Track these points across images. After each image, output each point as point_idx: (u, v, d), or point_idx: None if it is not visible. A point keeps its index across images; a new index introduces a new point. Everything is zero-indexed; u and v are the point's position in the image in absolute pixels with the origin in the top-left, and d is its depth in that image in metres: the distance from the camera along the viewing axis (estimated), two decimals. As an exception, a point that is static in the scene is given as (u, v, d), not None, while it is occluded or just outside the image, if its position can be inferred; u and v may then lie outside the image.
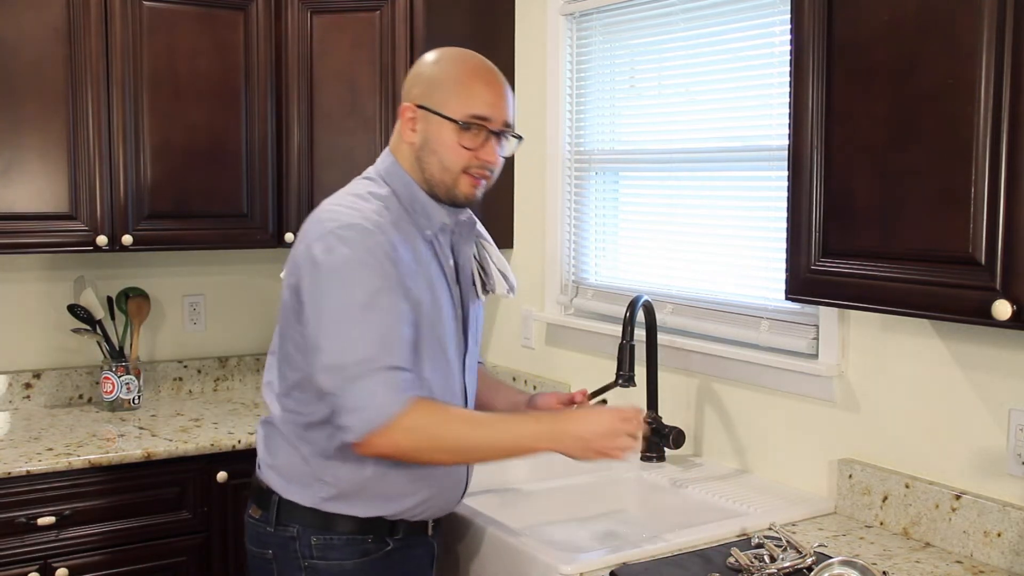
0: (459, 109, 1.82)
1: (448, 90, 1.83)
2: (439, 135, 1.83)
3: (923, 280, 1.64)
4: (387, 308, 1.73)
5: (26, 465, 2.49)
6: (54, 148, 2.76)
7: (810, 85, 1.80)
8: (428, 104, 1.84)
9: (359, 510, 1.84)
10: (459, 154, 1.83)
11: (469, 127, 1.82)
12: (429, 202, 1.87)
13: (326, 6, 2.99)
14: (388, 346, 1.71)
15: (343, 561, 1.85)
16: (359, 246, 1.74)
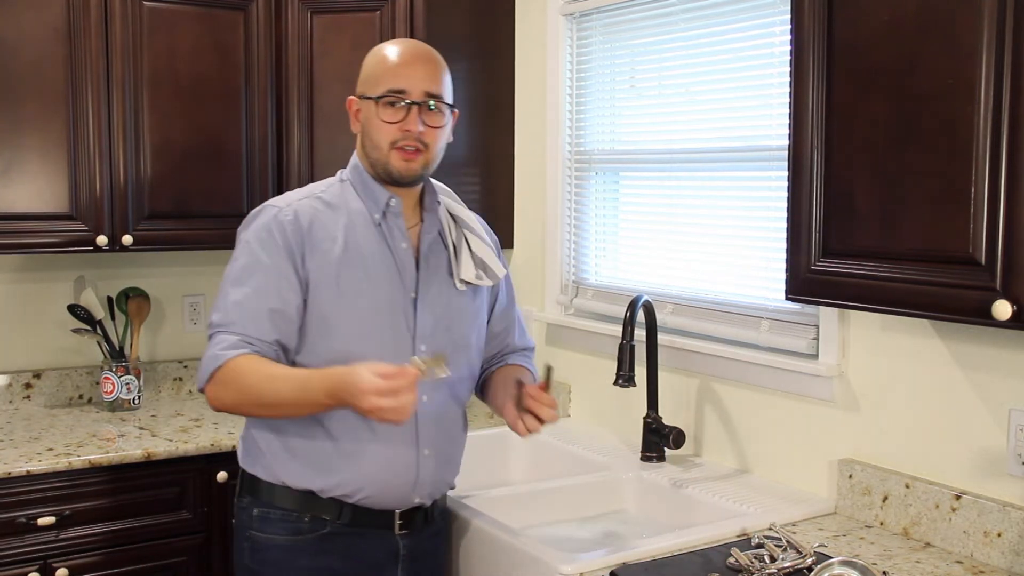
0: (376, 86, 1.92)
1: (369, 73, 1.95)
2: (368, 116, 1.93)
3: (923, 280, 1.64)
4: (252, 284, 1.86)
5: (26, 465, 2.49)
6: (54, 148, 2.76)
7: (810, 85, 1.80)
8: (359, 91, 1.96)
9: (291, 479, 1.90)
10: (383, 129, 1.91)
11: (388, 101, 1.90)
12: (375, 185, 1.96)
13: (326, 6, 2.99)
14: (237, 315, 1.85)
15: (275, 535, 1.92)
16: (254, 227, 1.91)
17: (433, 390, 1.94)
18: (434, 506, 2.02)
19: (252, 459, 1.97)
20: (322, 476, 1.89)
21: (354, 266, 1.90)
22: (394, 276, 1.94)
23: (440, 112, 1.94)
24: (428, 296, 1.96)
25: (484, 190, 3.14)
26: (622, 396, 2.69)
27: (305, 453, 1.90)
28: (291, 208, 1.92)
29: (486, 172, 3.14)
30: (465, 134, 3.09)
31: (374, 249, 1.93)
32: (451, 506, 2.15)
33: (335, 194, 1.97)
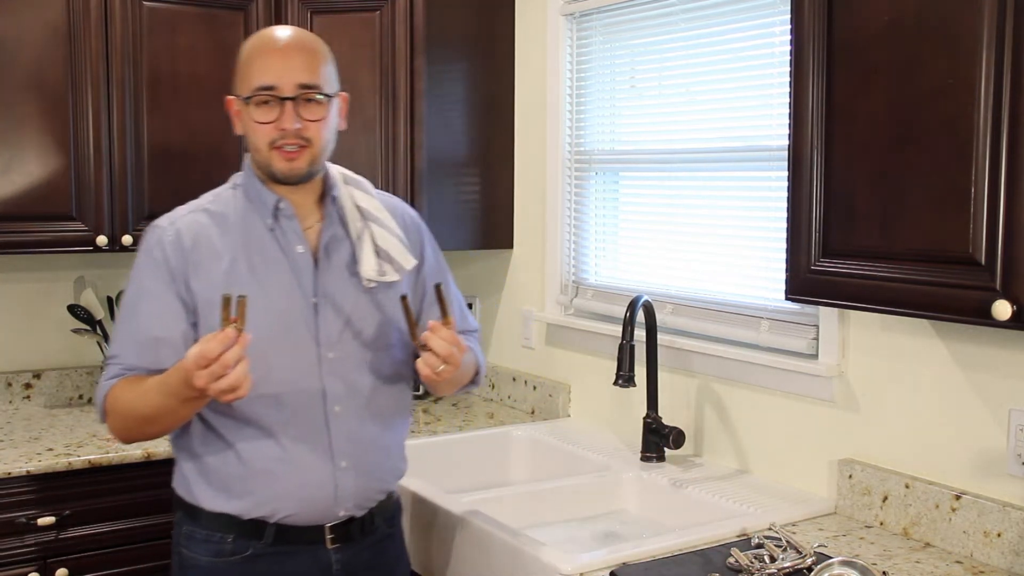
0: (245, 86, 1.81)
1: (239, 73, 1.84)
2: (244, 118, 1.84)
3: (923, 280, 1.64)
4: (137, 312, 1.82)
5: (26, 465, 2.49)
6: (54, 148, 2.76)
7: (810, 85, 1.80)
8: (235, 91, 1.86)
9: (207, 502, 1.84)
10: (259, 131, 1.81)
11: (259, 100, 1.79)
12: (263, 189, 1.86)
13: (326, 6, 3.00)
14: (121, 346, 1.82)
15: (199, 556, 1.86)
16: (140, 250, 1.86)
17: (346, 396, 1.85)
18: (372, 514, 1.91)
19: (177, 479, 1.92)
20: (236, 499, 1.82)
21: (244, 280, 1.80)
22: (291, 283, 1.83)
23: (320, 103, 1.81)
24: (330, 299, 1.85)
25: (484, 190, 3.14)
26: (622, 396, 2.69)
27: (217, 476, 1.83)
28: (173, 227, 1.84)
29: (486, 172, 3.14)
30: (465, 134, 3.09)
31: (268, 257, 1.83)
32: (450, 507, 2.15)
33: (225, 203, 1.88)
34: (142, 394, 1.75)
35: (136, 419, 1.79)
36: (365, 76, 2.98)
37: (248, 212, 1.87)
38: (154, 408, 1.74)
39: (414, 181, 2.99)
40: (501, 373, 3.23)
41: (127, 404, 1.78)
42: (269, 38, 1.85)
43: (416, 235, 2.02)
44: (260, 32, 1.90)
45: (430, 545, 2.21)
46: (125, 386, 1.79)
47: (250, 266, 1.82)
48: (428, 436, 2.80)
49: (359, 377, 1.87)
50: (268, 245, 1.85)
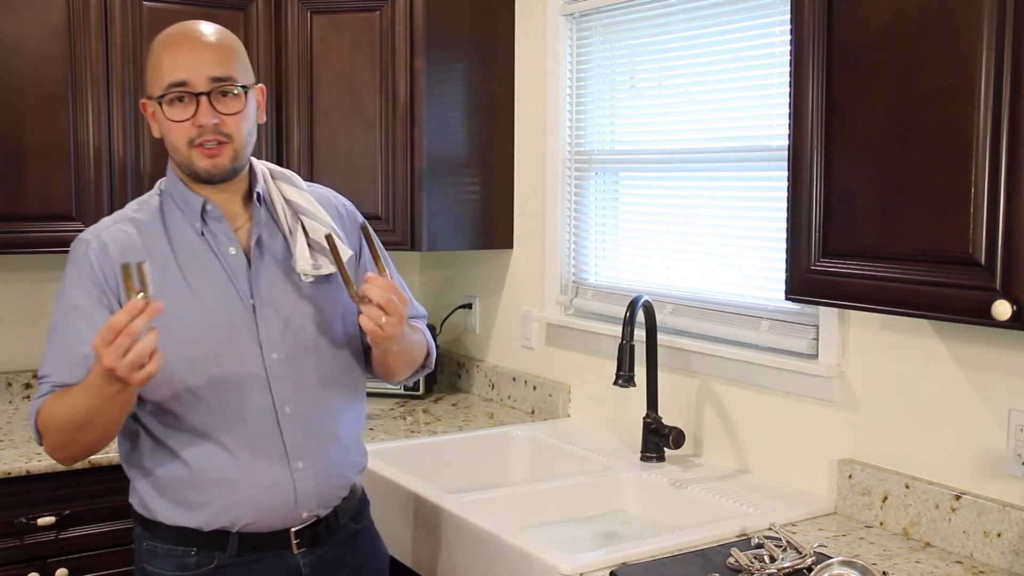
0: (157, 86, 1.75)
1: (149, 72, 1.79)
2: (159, 118, 1.77)
3: (923, 280, 1.64)
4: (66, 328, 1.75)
5: (26, 465, 2.49)
6: (54, 148, 2.76)
7: (810, 85, 1.80)
8: (147, 92, 1.79)
9: (165, 516, 1.79)
10: (175, 130, 1.75)
11: (172, 98, 1.73)
12: (188, 192, 1.81)
13: (326, 6, 3.00)
14: (52, 364, 1.75)
15: (164, 571, 1.80)
16: (67, 264, 1.79)
17: (295, 396, 1.81)
18: (336, 513, 1.87)
19: (132, 495, 1.86)
20: (195, 511, 1.77)
21: (177, 288, 1.75)
22: (227, 286, 1.78)
23: (236, 96, 1.75)
24: (268, 299, 1.80)
25: (484, 190, 3.14)
26: (622, 396, 2.69)
27: (172, 490, 1.78)
28: (98, 240, 1.77)
29: (486, 172, 3.14)
30: (465, 134, 3.09)
31: (201, 262, 1.78)
32: (450, 507, 2.14)
33: (150, 211, 1.82)
34: (68, 402, 1.69)
35: (67, 429, 1.70)
36: (365, 76, 2.98)
37: (175, 217, 1.81)
38: (82, 413, 1.66)
39: (414, 181, 2.99)
40: (501, 373, 3.23)
41: (57, 417, 1.71)
42: (176, 34, 1.80)
43: (352, 225, 1.97)
44: (167, 29, 1.83)
45: (430, 545, 2.21)
46: (53, 401, 1.72)
47: (183, 273, 1.77)
48: (428, 436, 2.80)
49: (306, 375, 1.83)
50: (199, 249, 1.79)
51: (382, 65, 2.97)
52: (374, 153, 2.99)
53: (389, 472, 2.39)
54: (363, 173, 2.99)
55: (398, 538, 2.27)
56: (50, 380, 1.75)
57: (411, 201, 2.99)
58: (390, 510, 2.31)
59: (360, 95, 2.99)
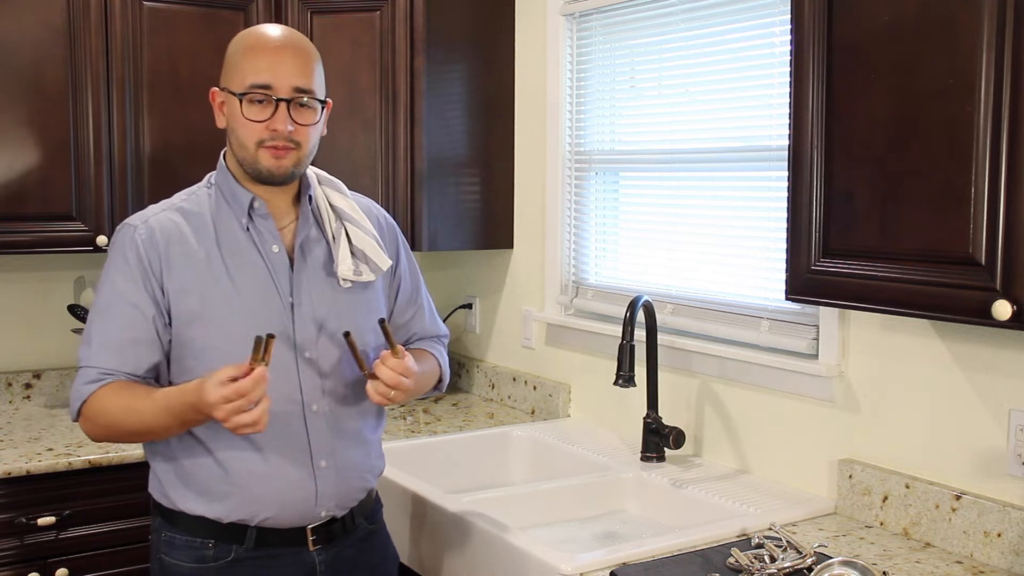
0: (240, 81, 1.79)
1: (232, 65, 1.82)
2: (232, 112, 1.81)
3: (923, 280, 1.64)
4: (110, 313, 1.79)
5: (26, 465, 2.49)
6: (54, 148, 2.76)
7: (810, 85, 1.80)
8: (223, 84, 1.84)
9: (185, 505, 1.82)
10: (249, 128, 1.79)
11: (253, 99, 1.78)
12: (238, 188, 1.84)
13: (326, 6, 2.99)
14: (97, 348, 1.78)
15: (181, 562, 1.83)
16: (112, 249, 1.83)
17: (323, 396, 1.84)
18: (353, 513, 1.90)
19: (153, 483, 1.88)
20: (216, 503, 1.79)
21: (220, 280, 1.79)
22: (267, 283, 1.82)
23: (311, 108, 1.81)
24: (306, 299, 1.84)
25: (484, 190, 3.14)
26: (622, 396, 2.69)
27: (196, 480, 1.80)
28: (146, 225, 1.80)
29: (486, 172, 3.14)
30: (465, 134, 3.10)
31: (244, 257, 1.82)
32: (451, 506, 2.14)
33: (198, 202, 1.85)
34: (133, 408, 1.73)
35: (122, 431, 1.78)
36: (365, 76, 2.98)
37: (223, 211, 1.84)
38: (148, 424, 1.73)
39: (414, 181, 2.99)
40: (501, 373, 3.23)
41: (114, 415, 1.75)
42: (266, 36, 1.82)
43: (391, 236, 2.03)
44: (255, 28, 1.88)
45: (430, 545, 2.21)
46: (110, 395, 1.75)
47: (226, 266, 1.80)
48: (428, 436, 2.80)
49: (336, 376, 1.86)
50: (243, 245, 1.83)
51: (382, 65, 2.97)
52: (374, 153, 2.99)
53: (389, 472, 2.38)
54: (363, 173, 2.99)
55: (398, 538, 2.27)
56: (96, 365, 1.78)
57: (411, 201, 2.99)
58: (391, 510, 2.30)
59: (360, 95, 2.99)
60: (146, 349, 1.78)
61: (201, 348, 1.78)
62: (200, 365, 1.75)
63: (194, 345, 1.79)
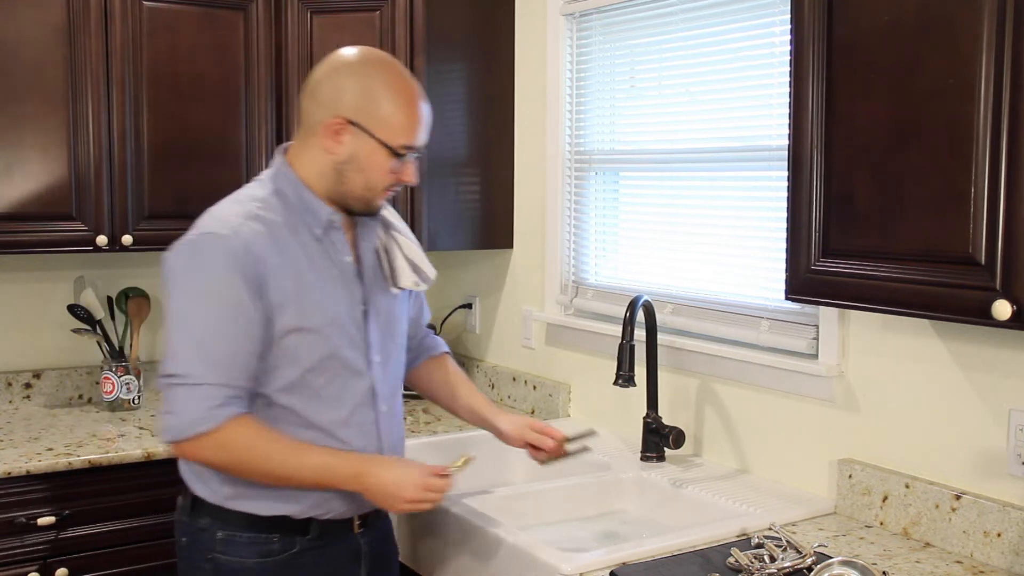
0: (395, 138, 1.83)
1: (386, 115, 1.83)
2: (371, 157, 1.84)
3: (923, 280, 1.64)
4: (222, 326, 1.76)
5: (26, 465, 2.49)
6: (54, 148, 2.76)
7: (810, 85, 1.80)
8: (364, 124, 1.82)
9: (260, 508, 1.85)
10: (387, 177, 1.86)
11: (401, 156, 1.85)
12: (315, 201, 1.87)
13: (326, 6, 3.00)
14: (208, 362, 1.75)
15: (245, 559, 1.86)
16: (210, 259, 1.77)
17: (389, 399, 1.97)
18: None
19: (209, 488, 1.89)
20: (291, 501, 1.86)
21: (311, 291, 1.83)
22: (345, 292, 1.89)
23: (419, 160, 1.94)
24: (375, 307, 1.93)
25: (484, 190, 3.14)
26: (622, 396, 2.69)
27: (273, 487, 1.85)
28: (238, 236, 1.78)
29: (486, 172, 3.14)
30: (465, 134, 3.10)
31: (323, 268, 1.86)
32: (451, 506, 2.15)
33: (273, 210, 1.85)
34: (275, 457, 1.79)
35: (254, 471, 1.81)
36: (365, 76, 2.98)
37: (293, 220, 1.86)
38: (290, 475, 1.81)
39: (414, 181, 2.99)
40: (501, 373, 3.23)
41: (254, 456, 1.78)
42: (418, 95, 1.87)
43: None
44: (405, 80, 1.87)
45: (430, 545, 2.21)
46: (249, 433, 1.77)
47: (309, 276, 1.84)
48: (428, 436, 2.80)
49: (394, 378, 2.01)
50: (318, 255, 1.87)
51: (382, 65, 2.97)
52: (374, 153, 2.99)
53: (389, 472, 2.38)
54: (363, 173, 2.99)
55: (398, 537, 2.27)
56: (218, 383, 1.75)
57: (411, 201, 2.99)
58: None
59: (360, 95, 2.99)
60: (254, 361, 1.80)
61: (294, 356, 1.83)
62: (287, 372, 1.82)
63: (288, 353, 1.83)
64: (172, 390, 1.77)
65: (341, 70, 1.85)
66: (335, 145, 1.84)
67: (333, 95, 1.83)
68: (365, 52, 1.88)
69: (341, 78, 1.84)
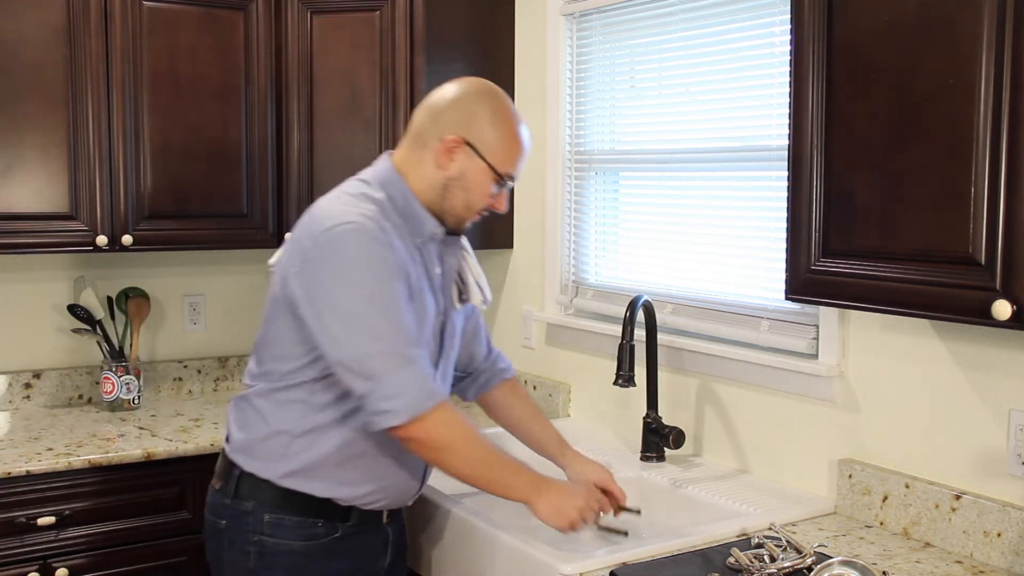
0: (502, 165, 1.94)
1: (499, 143, 1.93)
2: (477, 178, 1.93)
3: (923, 280, 1.64)
4: (397, 301, 1.82)
5: (26, 465, 2.49)
6: (54, 148, 2.76)
7: (810, 85, 1.80)
8: (478, 147, 1.92)
9: (315, 488, 1.92)
10: (486, 200, 1.96)
11: (503, 182, 1.95)
12: (423, 212, 1.95)
13: (326, 6, 3.00)
14: (407, 336, 1.81)
15: (292, 541, 1.93)
16: (363, 244, 1.81)
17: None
18: None
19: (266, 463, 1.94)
20: (349, 487, 1.94)
21: (418, 295, 1.91)
22: (430, 300, 1.96)
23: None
24: (450, 319, 2.04)
25: (484, 190, 3.14)
26: (622, 396, 2.69)
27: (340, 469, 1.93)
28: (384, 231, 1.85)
29: (486, 172, 3.14)
30: (465, 134, 3.09)
31: (419, 274, 1.93)
32: (451, 506, 2.15)
33: (389, 216, 1.91)
34: (482, 443, 1.88)
35: (467, 456, 1.87)
36: (365, 76, 2.98)
37: (397, 226, 1.91)
38: (486, 464, 1.89)
39: (414, 181, 2.98)
40: (501, 373, 3.23)
41: (467, 436, 1.86)
42: (523, 129, 1.98)
43: None
44: (515, 113, 1.98)
45: (430, 545, 2.21)
46: (457, 415, 1.85)
47: (413, 279, 1.90)
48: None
49: (446, 387, 2.10)
50: (418, 262, 1.94)
51: (382, 65, 2.97)
52: (374, 153, 2.97)
53: (389, 472, 2.39)
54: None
55: (398, 538, 2.28)
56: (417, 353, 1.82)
57: (411, 201, 2.98)
58: (390, 510, 2.31)
59: (360, 95, 2.99)
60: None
61: None
62: None
63: None
64: (390, 373, 1.78)
65: (464, 94, 1.97)
66: (447, 161, 1.93)
67: (453, 115, 1.93)
68: (484, 81, 2.01)
69: (463, 101, 1.95)
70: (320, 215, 1.87)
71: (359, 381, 1.78)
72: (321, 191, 3.18)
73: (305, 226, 1.89)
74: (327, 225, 1.82)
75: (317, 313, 1.81)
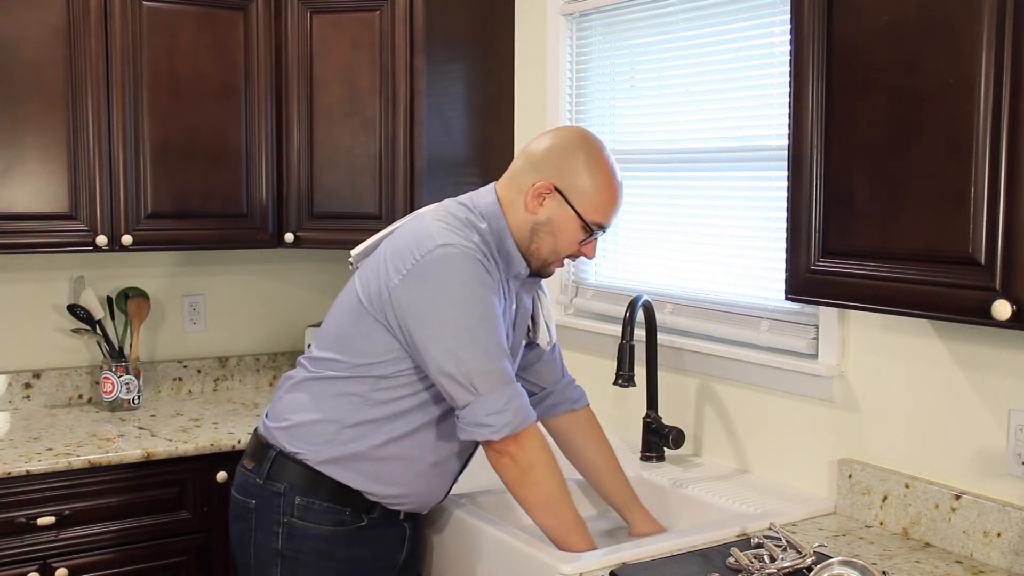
0: (592, 214, 1.96)
1: (591, 193, 1.96)
2: (565, 225, 1.97)
3: (923, 280, 1.64)
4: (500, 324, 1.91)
5: (26, 465, 2.49)
6: (54, 148, 2.76)
7: (810, 85, 1.80)
8: (568, 195, 1.95)
9: (350, 479, 1.97)
10: (572, 247, 2.00)
11: (591, 231, 1.98)
12: (515, 251, 2.00)
13: (326, 6, 2.99)
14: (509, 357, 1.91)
15: (320, 526, 1.97)
16: (471, 267, 1.88)
17: None
18: None
19: (310, 446, 1.97)
20: (381, 485, 1.99)
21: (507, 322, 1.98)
22: (513, 331, 2.04)
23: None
24: (518, 352, 2.09)
25: (484, 190, 3.14)
26: (622, 396, 2.69)
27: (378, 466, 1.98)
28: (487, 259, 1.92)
29: (486, 172, 3.14)
30: (465, 134, 3.10)
31: (503, 307, 1.98)
32: (452, 507, 2.15)
33: (486, 246, 1.96)
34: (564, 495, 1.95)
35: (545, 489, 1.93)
36: (365, 76, 2.98)
37: (496, 259, 1.97)
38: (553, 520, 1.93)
39: (413, 181, 2.99)
40: (501, 373, 3.22)
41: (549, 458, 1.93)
42: (619, 181, 1.99)
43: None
44: (611, 164, 1.99)
45: (430, 545, 2.21)
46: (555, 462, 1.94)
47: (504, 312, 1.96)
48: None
49: None
50: (501, 295, 1.97)
51: (382, 65, 2.97)
52: (374, 152, 2.99)
53: (389, 472, 2.38)
54: (363, 173, 2.99)
55: (398, 538, 2.28)
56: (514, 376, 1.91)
57: (410, 200, 2.98)
58: (390, 510, 2.31)
59: (360, 95, 2.99)
60: None
61: None
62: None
63: None
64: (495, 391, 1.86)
65: (561, 141, 1.99)
66: (537, 206, 1.97)
67: (548, 161, 1.97)
68: (583, 130, 2.04)
69: (559, 147, 1.98)
70: (430, 232, 1.91)
71: (463, 393, 1.86)
72: (321, 191, 3.19)
73: (409, 239, 1.93)
74: (438, 243, 1.88)
75: (426, 326, 1.87)
